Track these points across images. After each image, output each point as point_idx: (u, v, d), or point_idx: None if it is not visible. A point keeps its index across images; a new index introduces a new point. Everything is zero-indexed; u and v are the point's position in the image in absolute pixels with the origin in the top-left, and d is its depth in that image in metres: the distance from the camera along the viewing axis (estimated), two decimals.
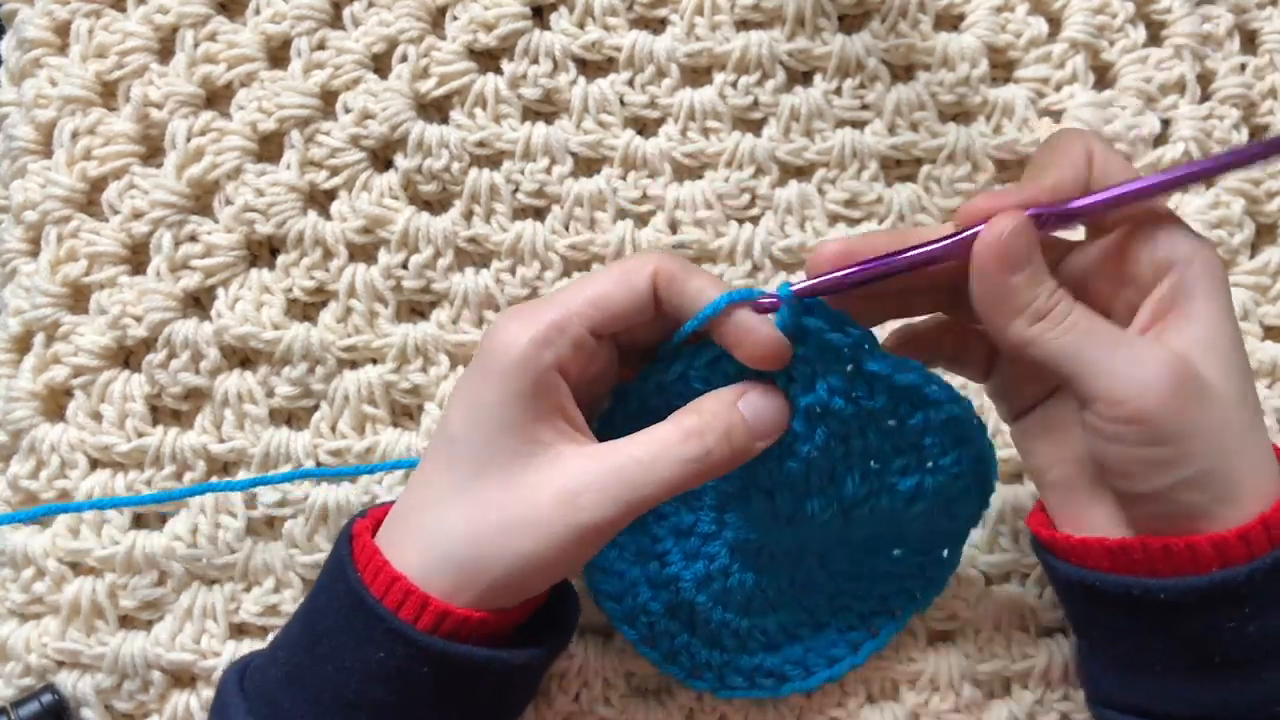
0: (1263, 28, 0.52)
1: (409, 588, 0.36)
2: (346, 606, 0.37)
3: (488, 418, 0.37)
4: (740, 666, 0.44)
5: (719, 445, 0.37)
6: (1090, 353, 0.36)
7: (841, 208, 0.50)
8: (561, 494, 0.36)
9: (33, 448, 0.48)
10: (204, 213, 0.50)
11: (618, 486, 0.36)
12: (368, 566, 0.37)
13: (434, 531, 0.37)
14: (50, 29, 0.51)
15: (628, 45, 0.51)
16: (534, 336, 0.37)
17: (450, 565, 0.37)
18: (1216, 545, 0.36)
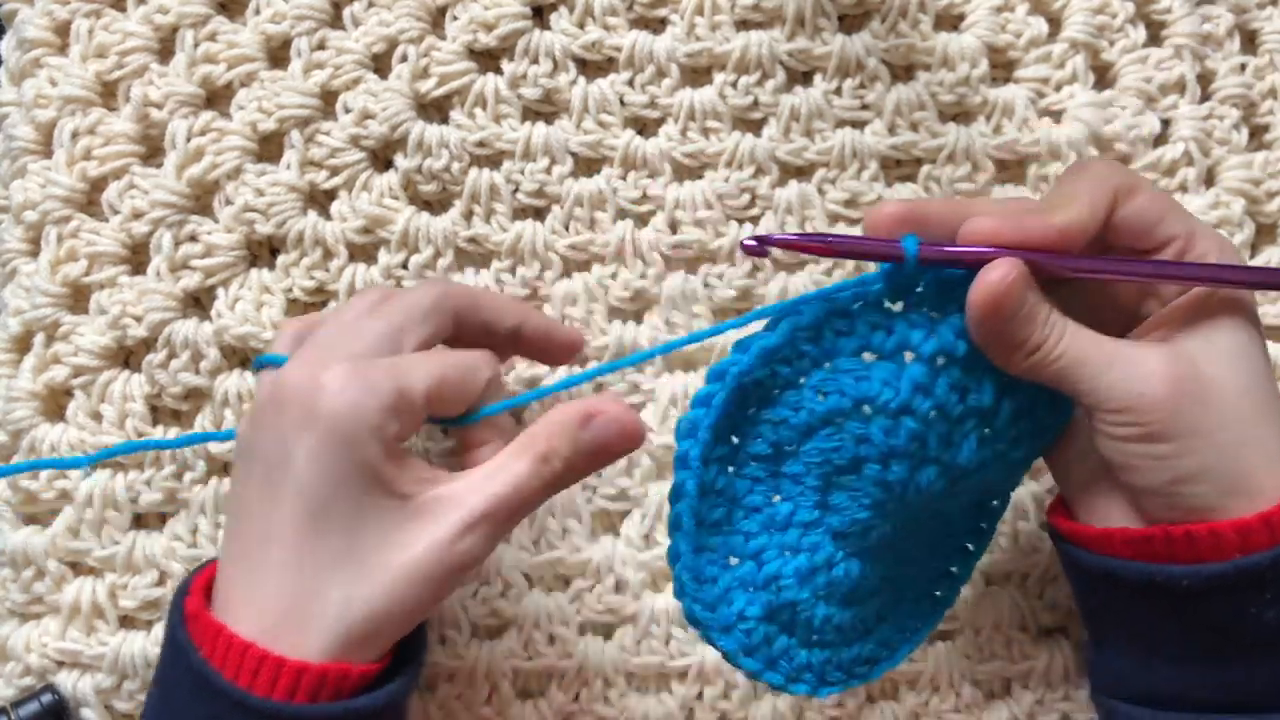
0: (1263, 28, 0.52)
1: (262, 655, 0.36)
2: (197, 690, 0.36)
3: (347, 486, 0.37)
4: (840, 661, 0.41)
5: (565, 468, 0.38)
6: (1087, 370, 0.37)
7: (841, 208, 0.50)
8: (441, 544, 0.37)
9: (33, 448, 0.48)
10: (204, 213, 0.50)
11: (489, 524, 0.38)
12: (216, 642, 0.36)
13: (318, 607, 0.36)
14: (50, 29, 0.51)
15: (628, 45, 0.51)
16: (388, 406, 0.37)
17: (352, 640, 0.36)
18: (1240, 531, 0.36)
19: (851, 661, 0.42)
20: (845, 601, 0.40)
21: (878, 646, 0.43)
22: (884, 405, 0.38)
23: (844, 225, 0.50)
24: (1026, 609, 0.49)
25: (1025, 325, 0.37)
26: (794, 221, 0.50)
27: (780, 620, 0.40)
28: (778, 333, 0.37)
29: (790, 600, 0.39)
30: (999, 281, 0.36)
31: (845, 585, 0.40)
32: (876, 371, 0.38)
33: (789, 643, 0.40)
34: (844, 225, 0.50)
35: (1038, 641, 0.49)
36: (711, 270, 0.50)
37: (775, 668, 0.40)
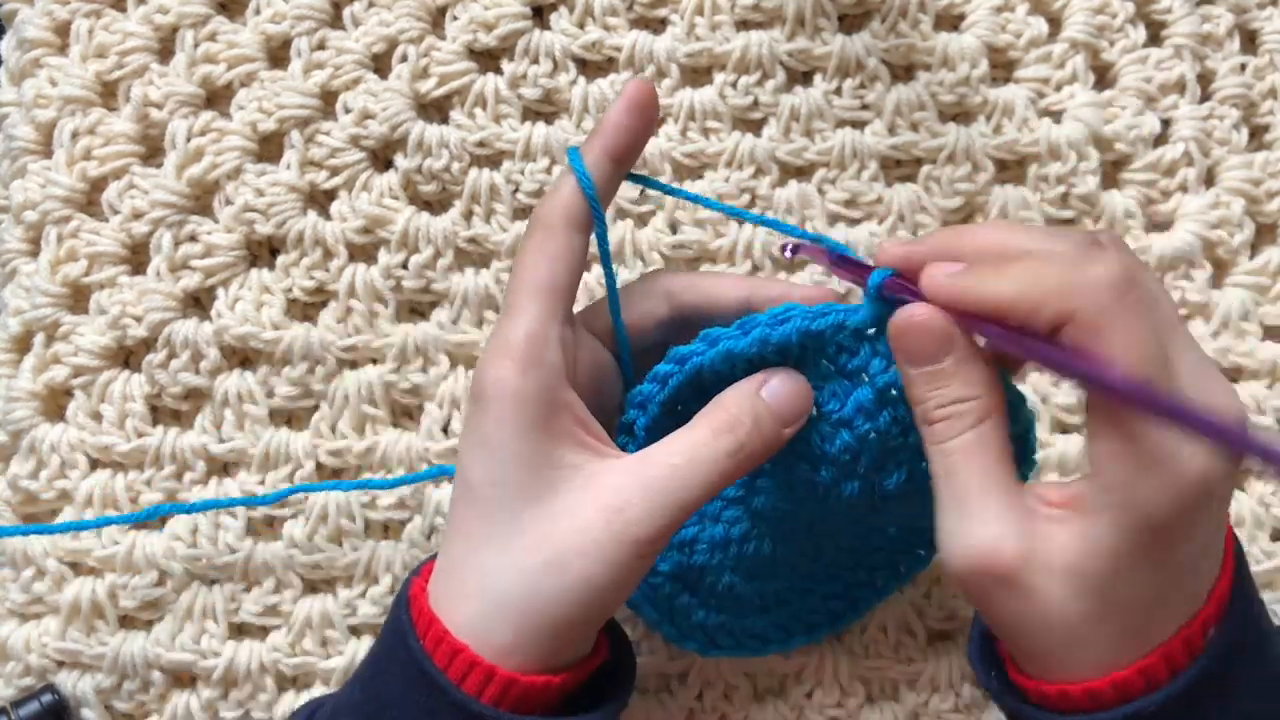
0: (1263, 28, 0.52)
1: (473, 659, 0.35)
2: (409, 677, 0.36)
3: (505, 457, 0.36)
4: (732, 629, 0.43)
5: (750, 437, 0.37)
6: (945, 484, 0.34)
7: (841, 208, 0.50)
8: (607, 512, 0.35)
9: (33, 448, 0.48)
10: (204, 213, 0.50)
11: (661, 495, 0.35)
12: (428, 633, 0.36)
13: (485, 583, 0.36)
14: (50, 29, 0.51)
15: (628, 45, 0.51)
16: (521, 360, 0.36)
17: (509, 613, 0.35)
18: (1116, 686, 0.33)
19: (744, 632, 0.44)
20: (750, 575, 0.42)
21: (772, 626, 0.45)
22: (827, 414, 0.38)
23: (844, 225, 0.50)
24: None
25: (924, 384, 0.35)
26: (794, 222, 0.50)
27: (686, 580, 0.42)
28: (747, 341, 0.38)
29: (700, 564, 0.41)
30: (907, 321, 0.34)
31: (753, 561, 0.42)
32: (830, 384, 0.39)
33: (689, 601, 0.42)
34: (844, 225, 0.50)
35: None
36: (711, 270, 0.50)
37: (672, 620, 0.42)
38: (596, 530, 0.35)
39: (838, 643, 0.49)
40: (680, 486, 0.36)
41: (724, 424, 0.37)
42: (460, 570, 0.37)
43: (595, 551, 0.35)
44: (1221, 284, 0.51)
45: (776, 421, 0.37)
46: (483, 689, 0.35)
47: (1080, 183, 0.50)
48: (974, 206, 0.51)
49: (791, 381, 0.38)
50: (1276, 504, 0.49)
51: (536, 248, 0.38)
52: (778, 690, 0.49)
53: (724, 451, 0.36)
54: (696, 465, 0.36)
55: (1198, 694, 0.33)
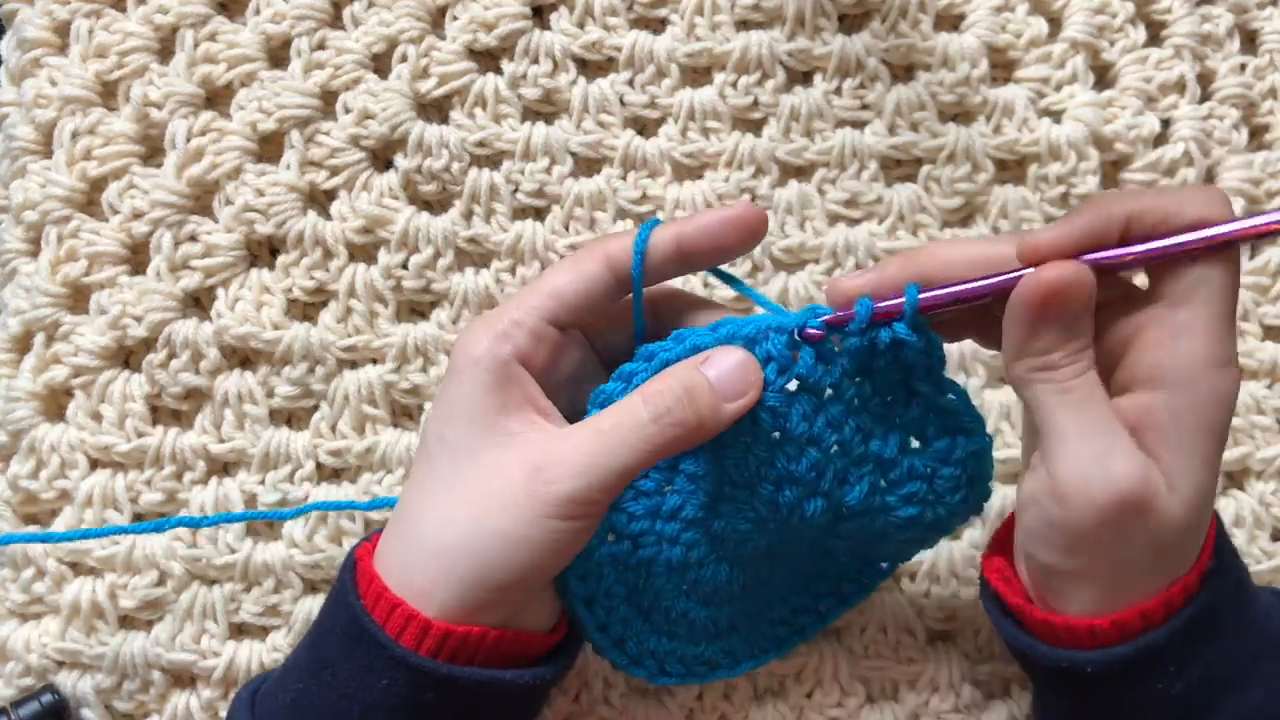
0: (1263, 28, 0.52)
1: (410, 613, 0.36)
2: (349, 634, 0.37)
3: (457, 413, 0.38)
4: (683, 655, 0.43)
5: (679, 405, 0.37)
6: (1065, 421, 0.36)
7: (841, 208, 0.50)
8: (527, 469, 0.36)
9: (33, 448, 0.48)
10: (204, 213, 0.50)
11: (583, 456, 0.36)
12: (368, 591, 0.37)
13: (413, 527, 0.38)
14: (50, 29, 0.51)
15: (628, 45, 0.51)
16: (492, 332, 0.38)
17: (428, 557, 0.37)
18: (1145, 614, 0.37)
19: (694, 659, 0.44)
20: (705, 601, 0.42)
21: (721, 653, 0.44)
22: (795, 435, 0.38)
23: (844, 225, 0.50)
24: None
25: (1058, 338, 0.36)
26: (794, 221, 0.50)
27: (639, 604, 0.41)
28: (715, 337, 0.39)
29: (656, 588, 0.41)
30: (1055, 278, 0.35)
31: (709, 586, 0.41)
32: (797, 404, 0.38)
33: (642, 626, 0.42)
34: (844, 225, 0.50)
35: None
36: None
37: (622, 647, 0.42)
38: (515, 486, 0.36)
39: (837, 643, 0.49)
40: (604, 450, 0.36)
41: (654, 391, 0.37)
42: (400, 520, 0.39)
43: (512, 507, 0.36)
44: None
45: (713, 395, 0.37)
46: (420, 641, 0.36)
47: (1080, 183, 0.50)
48: (974, 206, 0.51)
49: (735, 357, 0.38)
50: (1276, 504, 0.49)
51: (569, 262, 0.40)
52: (778, 690, 0.49)
53: (649, 417, 0.37)
54: (622, 430, 0.37)
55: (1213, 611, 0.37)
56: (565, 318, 0.39)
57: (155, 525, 0.45)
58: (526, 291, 0.40)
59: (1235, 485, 0.50)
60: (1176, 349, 0.35)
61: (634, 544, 0.40)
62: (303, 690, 0.38)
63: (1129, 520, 0.35)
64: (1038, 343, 0.36)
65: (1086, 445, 0.35)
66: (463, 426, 0.38)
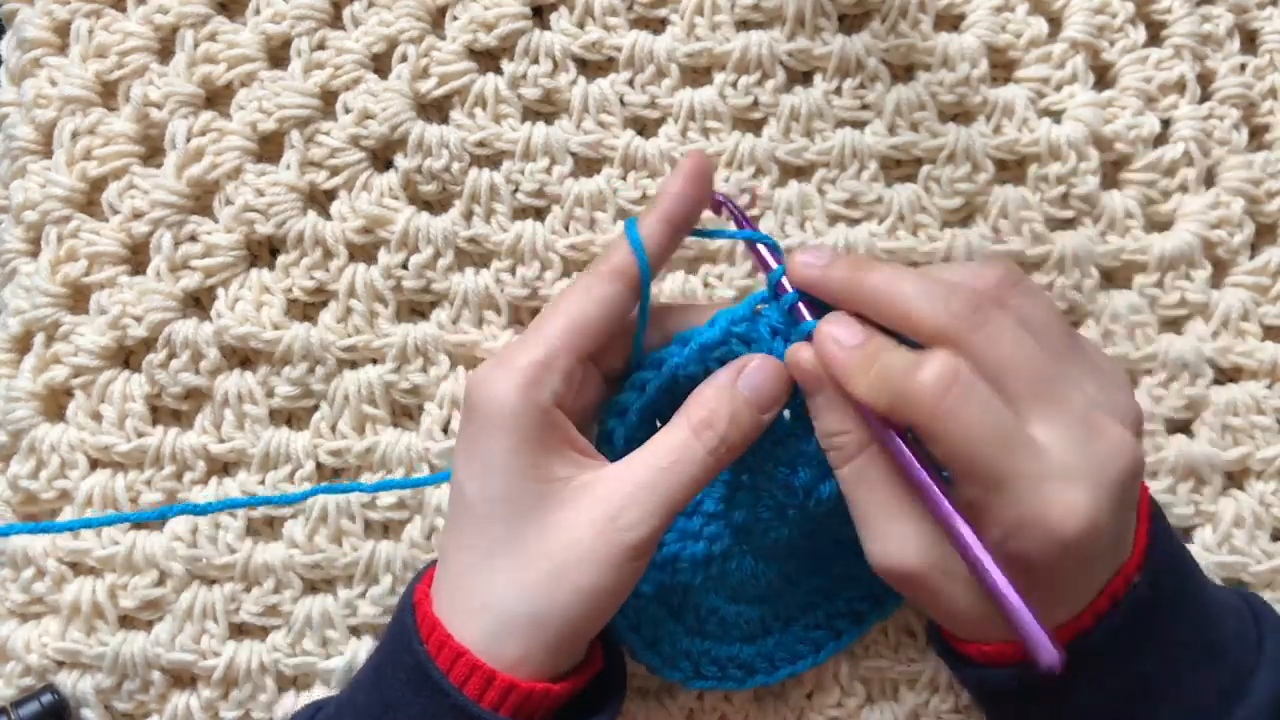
0: (1263, 28, 0.52)
1: (474, 663, 0.36)
2: (413, 680, 0.37)
3: (501, 472, 0.37)
4: (716, 656, 0.43)
5: (730, 431, 0.37)
6: (861, 505, 0.38)
7: (841, 208, 0.50)
8: (600, 521, 0.36)
9: (33, 448, 0.48)
10: (204, 213, 0.50)
11: (651, 499, 0.36)
12: (431, 637, 0.37)
13: (487, 597, 0.37)
14: (50, 29, 0.51)
15: (628, 45, 0.51)
16: (522, 382, 0.37)
17: (514, 627, 0.36)
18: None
19: (728, 660, 0.44)
20: (734, 596, 0.42)
21: (758, 657, 0.44)
22: (802, 413, 0.39)
23: (844, 225, 0.50)
24: None
25: (822, 412, 0.38)
26: (794, 221, 0.50)
27: (669, 603, 0.42)
28: (716, 329, 0.39)
29: (683, 584, 0.41)
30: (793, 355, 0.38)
31: (737, 579, 0.42)
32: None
33: (674, 627, 0.42)
34: (844, 225, 0.50)
35: None
36: (712, 270, 0.50)
37: (656, 648, 0.42)
38: (590, 539, 0.36)
39: None
40: (668, 488, 0.37)
41: (703, 421, 0.37)
42: (462, 585, 0.38)
43: (591, 561, 0.36)
44: (1221, 284, 0.51)
45: (754, 409, 0.38)
46: (483, 693, 0.36)
47: (1080, 183, 0.50)
48: (974, 206, 0.51)
49: (767, 366, 0.39)
50: (1276, 504, 0.49)
51: (581, 288, 0.40)
52: (778, 690, 0.49)
53: (706, 449, 0.37)
54: (682, 466, 0.37)
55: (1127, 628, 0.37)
56: (591, 349, 0.39)
57: (159, 513, 0.45)
58: (546, 327, 0.38)
59: (1235, 485, 0.50)
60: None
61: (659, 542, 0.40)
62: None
63: (924, 587, 0.37)
64: (818, 417, 0.38)
65: (870, 528, 0.37)
66: (508, 483, 0.37)
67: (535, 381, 0.37)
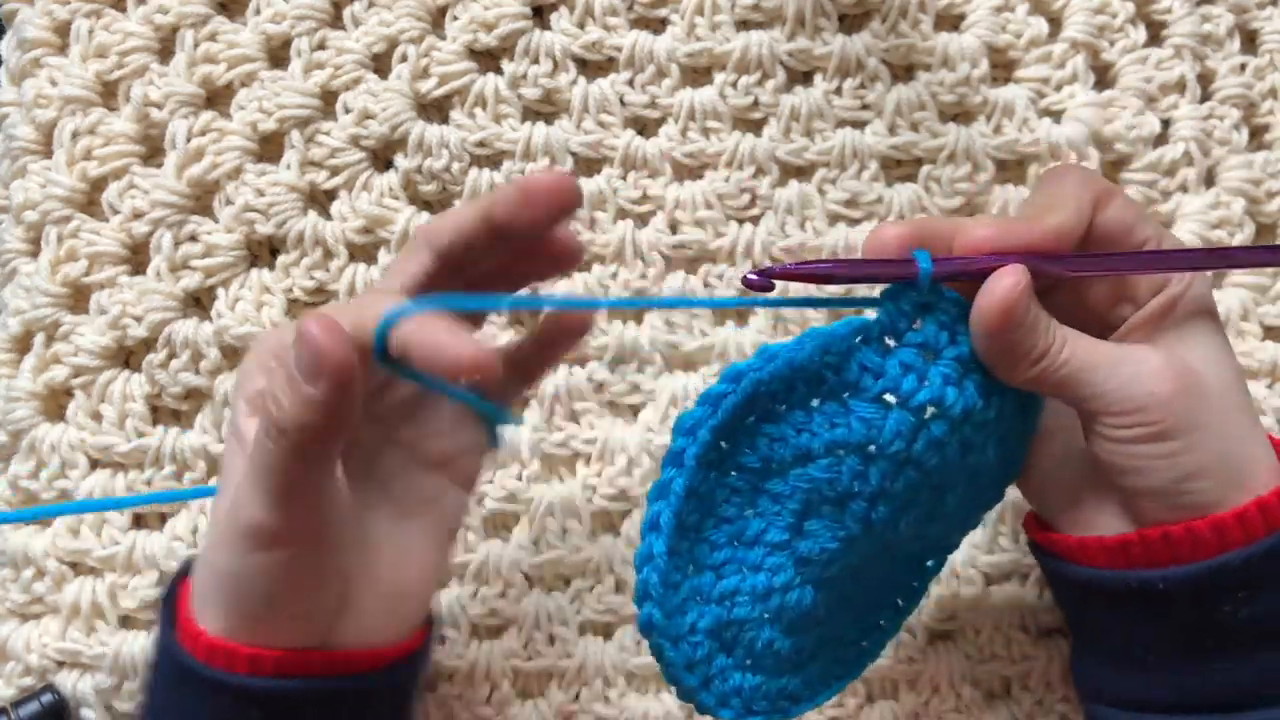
0: (1263, 28, 0.52)
1: (221, 644, 0.36)
2: (172, 674, 0.37)
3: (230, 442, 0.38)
4: (768, 691, 0.40)
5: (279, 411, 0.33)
6: (1092, 374, 0.37)
7: (842, 208, 0.50)
8: (228, 511, 0.36)
9: (33, 448, 0.48)
10: (204, 213, 0.50)
11: (255, 479, 0.34)
12: (185, 633, 0.37)
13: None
14: (50, 29, 0.51)
15: (628, 45, 0.51)
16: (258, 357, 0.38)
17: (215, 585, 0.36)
18: (1215, 528, 0.37)
19: (778, 694, 0.41)
20: (790, 629, 0.40)
21: (803, 685, 0.42)
22: (892, 453, 0.37)
23: (844, 225, 0.50)
24: (1026, 609, 0.49)
25: (1031, 333, 0.37)
26: (794, 221, 0.50)
27: (723, 638, 0.39)
28: (807, 351, 0.37)
29: (740, 618, 0.38)
30: (1011, 289, 0.36)
31: (795, 612, 0.39)
32: (891, 419, 0.37)
33: (726, 663, 0.39)
34: (844, 225, 0.50)
35: (1037, 642, 0.49)
36: (711, 270, 0.50)
37: (709, 687, 0.39)
38: (223, 525, 0.36)
39: None
40: (264, 466, 0.34)
41: (256, 402, 0.36)
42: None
43: (228, 542, 0.36)
44: (1221, 284, 0.51)
45: (296, 386, 0.32)
46: (232, 666, 0.36)
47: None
48: (974, 206, 0.51)
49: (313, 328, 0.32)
50: None
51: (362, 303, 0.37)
52: None
53: (267, 437, 0.33)
54: (259, 446, 0.34)
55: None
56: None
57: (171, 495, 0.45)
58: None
59: None
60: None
61: (716, 574, 0.38)
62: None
63: (1196, 391, 0.37)
64: (1020, 348, 0.37)
65: (1122, 373, 0.37)
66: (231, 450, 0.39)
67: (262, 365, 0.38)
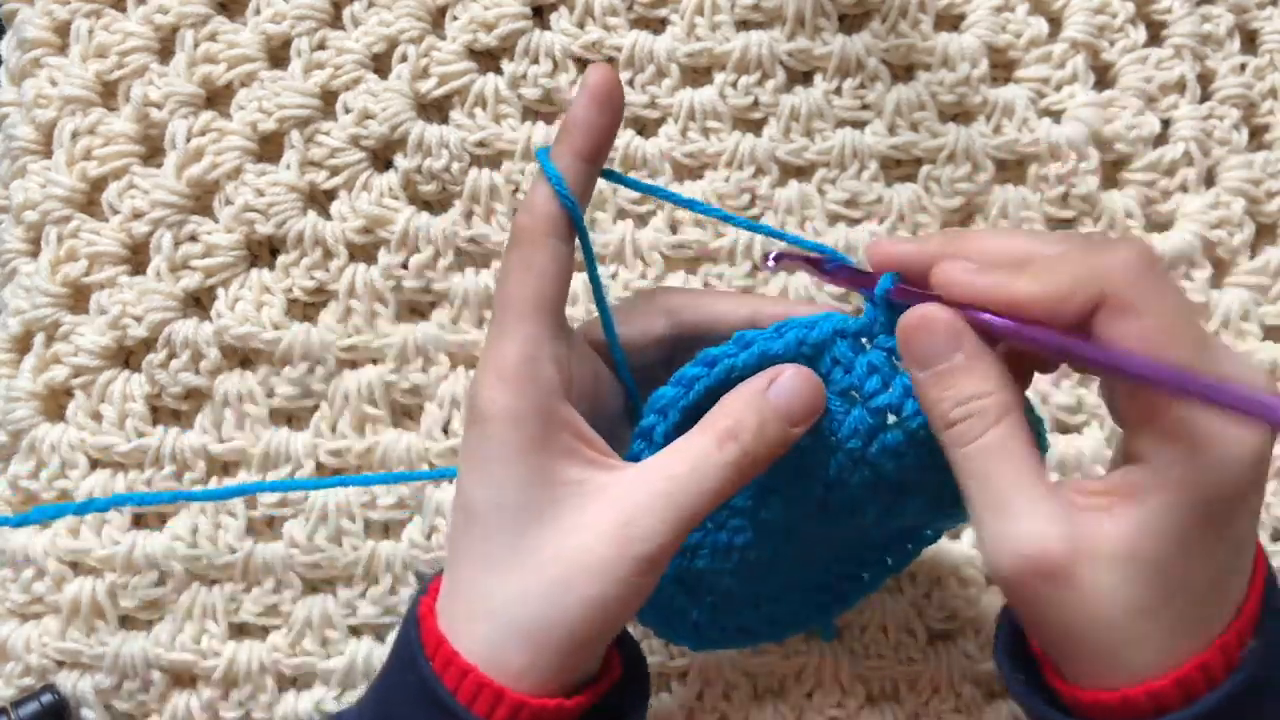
0: (1263, 28, 0.52)
1: (481, 680, 0.34)
2: (420, 700, 0.35)
3: (506, 479, 0.35)
4: (723, 624, 0.43)
5: (755, 443, 0.35)
6: (978, 488, 0.33)
7: (841, 208, 0.50)
8: (612, 528, 0.34)
9: (33, 448, 0.48)
10: (204, 213, 0.50)
11: (666, 509, 0.34)
12: (438, 654, 0.35)
13: (493, 607, 0.35)
14: (50, 29, 0.51)
15: (628, 45, 0.51)
16: (511, 379, 0.35)
17: (521, 637, 0.34)
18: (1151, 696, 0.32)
19: (735, 628, 0.43)
20: (748, 579, 0.41)
21: (762, 620, 0.44)
22: (849, 449, 0.37)
23: (844, 225, 0.50)
24: None
25: (936, 385, 0.34)
26: (794, 221, 0.50)
27: (685, 583, 0.41)
28: (784, 341, 0.37)
29: (701, 569, 0.40)
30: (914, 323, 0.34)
31: (754, 566, 0.41)
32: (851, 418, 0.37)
33: (686, 603, 0.41)
34: (844, 225, 0.50)
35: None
36: (711, 270, 0.50)
37: (668, 622, 0.41)
38: (602, 548, 0.34)
39: (838, 643, 0.49)
40: (685, 499, 0.35)
41: (727, 431, 0.35)
42: (467, 594, 0.36)
43: (601, 570, 0.34)
44: (1221, 284, 0.51)
45: (783, 421, 0.36)
46: (492, 711, 0.34)
47: (1080, 183, 0.50)
48: (974, 206, 0.51)
49: (800, 378, 0.36)
50: (1277, 504, 0.49)
51: (521, 263, 0.37)
52: (778, 690, 0.49)
53: (728, 461, 0.35)
54: (701, 476, 0.35)
55: (1259, 684, 0.32)
56: (559, 318, 0.37)
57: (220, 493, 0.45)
58: (508, 318, 0.36)
59: None
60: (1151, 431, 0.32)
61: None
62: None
63: (1046, 590, 0.32)
64: (920, 391, 0.34)
65: (986, 521, 0.33)
66: (514, 490, 0.35)
67: (528, 377, 0.35)
